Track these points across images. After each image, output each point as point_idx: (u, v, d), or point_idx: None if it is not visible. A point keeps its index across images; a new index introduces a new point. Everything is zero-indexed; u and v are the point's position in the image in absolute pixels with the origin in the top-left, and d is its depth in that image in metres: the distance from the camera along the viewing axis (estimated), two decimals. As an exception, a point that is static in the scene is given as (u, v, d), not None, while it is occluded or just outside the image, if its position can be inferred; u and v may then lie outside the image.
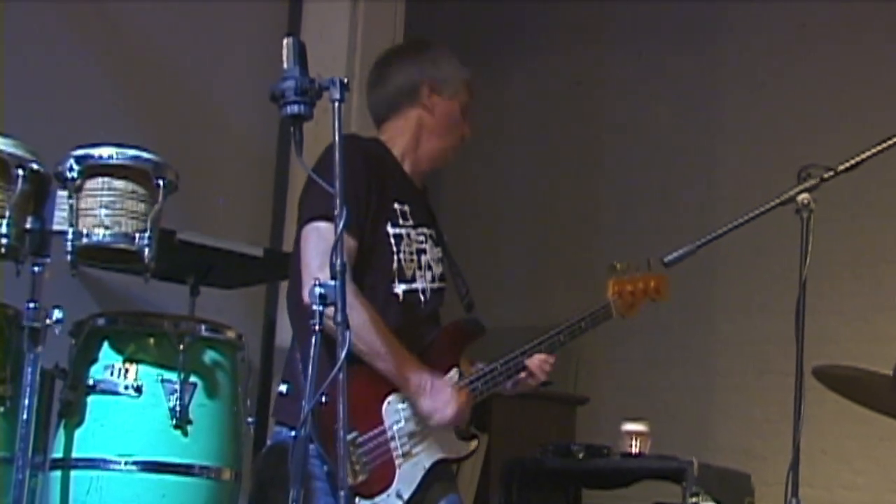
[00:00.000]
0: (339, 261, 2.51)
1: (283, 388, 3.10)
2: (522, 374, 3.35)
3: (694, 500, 4.04)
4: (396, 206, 3.21)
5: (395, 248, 3.17)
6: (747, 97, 6.02)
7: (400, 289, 3.17)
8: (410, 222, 3.24)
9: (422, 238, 3.27)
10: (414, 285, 3.21)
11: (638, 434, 4.41)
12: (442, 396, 3.10)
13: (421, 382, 3.08)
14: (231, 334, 3.30)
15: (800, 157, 3.24)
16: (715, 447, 5.54)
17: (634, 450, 4.40)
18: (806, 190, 3.07)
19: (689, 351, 5.95)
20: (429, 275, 3.27)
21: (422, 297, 3.23)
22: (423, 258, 3.26)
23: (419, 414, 3.10)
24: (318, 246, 3.03)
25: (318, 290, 2.49)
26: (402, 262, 3.19)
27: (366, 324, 2.95)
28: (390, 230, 3.18)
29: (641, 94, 6.34)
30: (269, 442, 3.18)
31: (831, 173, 3.11)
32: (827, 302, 5.19)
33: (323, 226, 3.04)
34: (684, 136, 6.17)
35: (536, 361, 3.37)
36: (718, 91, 6.14)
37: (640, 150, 6.31)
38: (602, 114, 6.50)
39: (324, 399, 2.46)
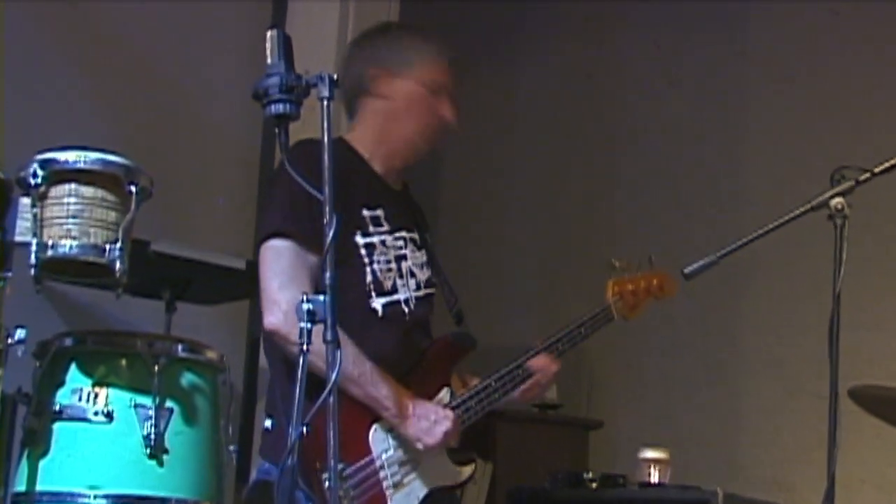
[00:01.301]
0: (328, 274, 2.50)
1: (267, 423, 3.12)
2: (525, 385, 3.34)
3: (719, 533, 4.04)
4: (365, 212, 3.22)
5: (367, 260, 3.18)
6: (774, 92, 6.02)
7: (378, 303, 3.18)
8: (385, 227, 3.25)
9: (400, 243, 3.28)
10: (395, 297, 3.22)
11: (657, 462, 4.40)
12: (426, 419, 3.10)
13: (401, 406, 3.08)
14: (211, 355, 3.29)
15: (833, 158, 3.24)
16: (742, 476, 5.54)
17: (653, 479, 4.39)
18: (840, 193, 3.08)
19: (713, 370, 5.94)
20: (412, 282, 3.28)
21: (405, 309, 3.24)
22: (404, 265, 3.27)
23: (406, 440, 3.10)
24: (274, 266, 3.06)
25: (305, 306, 2.48)
26: (378, 273, 3.20)
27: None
28: (360, 240, 3.19)
29: (659, 90, 6.34)
30: (252, 475, 3.19)
31: (867, 175, 3.11)
32: (864, 316, 5.17)
33: (279, 244, 3.07)
34: (706, 136, 6.17)
35: (540, 362, 3.34)
36: (743, 85, 6.14)
37: (657, 151, 6.31)
38: (616, 111, 6.50)
39: (305, 430, 2.44)
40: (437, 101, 3.35)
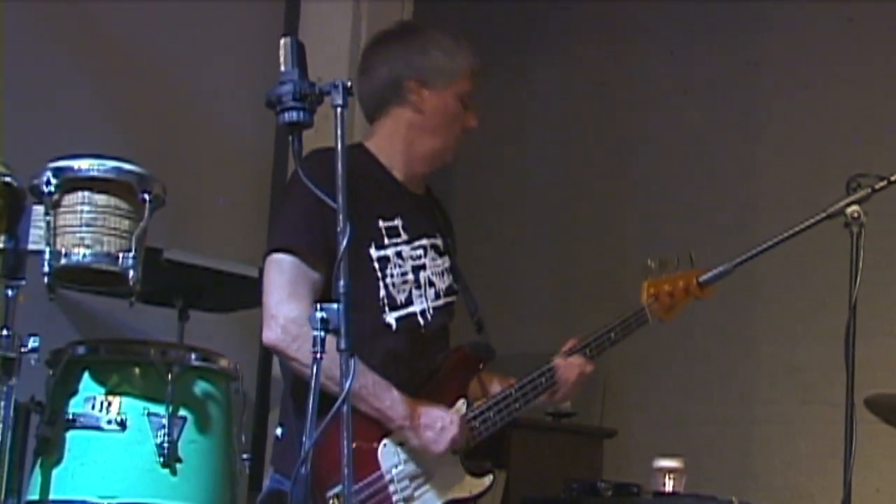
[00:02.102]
0: (342, 283, 2.50)
1: (278, 431, 3.12)
2: (551, 392, 3.29)
3: (734, 543, 4.02)
4: (381, 223, 3.19)
5: (380, 274, 3.15)
6: (789, 99, 6.01)
7: (392, 317, 3.16)
8: (402, 238, 3.22)
9: (419, 252, 3.25)
10: (410, 309, 3.20)
11: (672, 471, 4.39)
12: (432, 428, 3.07)
13: (406, 417, 3.06)
14: (224, 363, 3.29)
15: (849, 166, 3.23)
16: (757, 485, 5.52)
17: (668, 488, 4.37)
18: (856, 202, 3.07)
19: (728, 379, 5.93)
20: (431, 292, 3.24)
21: (422, 321, 3.21)
22: (422, 275, 3.24)
23: (415, 450, 3.08)
24: (275, 280, 3.05)
25: (318, 314, 2.48)
26: (391, 287, 3.17)
27: (334, 361, 2.59)
28: (374, 253, 3.16)
29: (673, 97, 6.33)
30: (265, 483, 3.19)
31: (884, 183, 3.11)
32: (880, 325, 5.16)
33: (283, 258, 3.06)
34: (720, 143, 6.16)
35: (573, 364, 3.27)
36: (758, 93, 6.13)
37: (671, 159, 6.29)
38: (630, 118, 6.49)
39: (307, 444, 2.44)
40: (465, 111, 3.30)
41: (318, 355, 2.47)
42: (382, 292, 3.15)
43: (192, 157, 4.78)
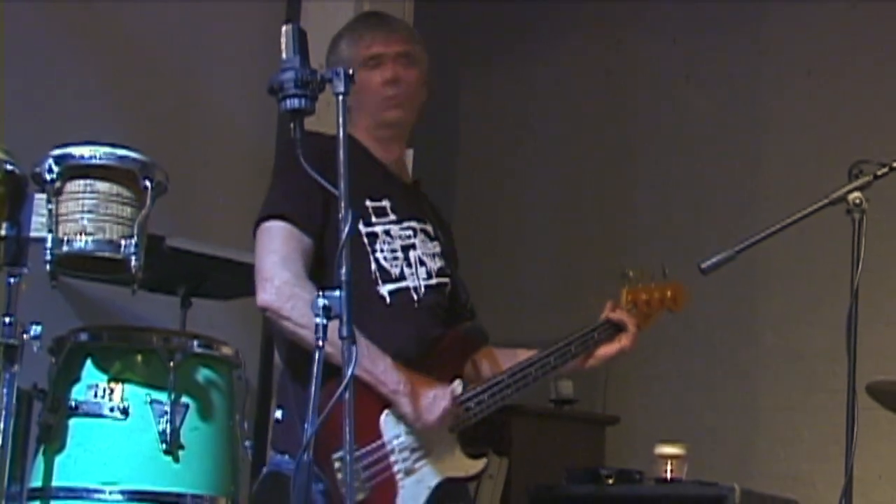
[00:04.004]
0: (344, 269, 2.51)
1: (278, 414, 3.14)
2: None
3: (736, 530, 4.03)
4: (369, 203, 3.26)
5: (369, 248, 3.22)
6: (793, 86, 6.00)
7: (385, 290, 3.22)
8: (391, 217, 3.29)
9: (408, 233, 3.32)
10: (403, 284, 3.26)
11: (674, 457, 4.40)
12: (425, 397, 3.10)
13: (398, 383, 3.08)
14: (227, 350, 3.30)
15: (853, 153, 3.23)
16: (759, 472, 5.52)
17: (670, 475, 4.39)
18: (858, 188, 3.07)
19: (730, 366, 5.93)
20: (422, 271, 3.31)
21: (415, 296, 3.27)
22: (412, 254, 3.30)
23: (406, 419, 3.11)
24: (268, 245, 3.13)
25: (321, 301, 2.49)
26: (383, 261, 3.23)
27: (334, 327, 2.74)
28: (362, 229, 3.22)
29: (676, 85, 6.32)
30: (265, 468, 3.20)
31: (885, 170, 3.10)
32: (882, 312, 5.17)
33: (274, 224, 3.14)
34: (724, 131, 6.15)
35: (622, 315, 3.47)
36: (761, 80, 6.12)
37: (675, 146, 6.29)
38: (633, 107, 6.48)
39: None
40: (371, 74, 3.34)
41: (321, 343, 2.48)
42: (374, 266, 3.21)
43: (195, 144, 4.79)
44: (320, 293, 2.49)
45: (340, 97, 2.56)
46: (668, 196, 6.28)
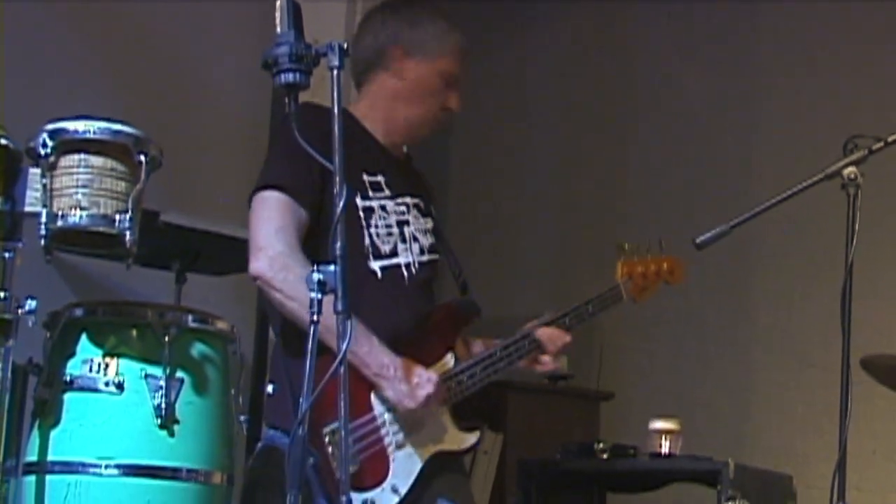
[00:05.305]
0: (339, 244, 2.51)
1: (269, 388, 3.14)
2: (530, 358, 3.36)
3: (730, 504, 4.04)
4: (365, 177, 3.26)
5: (364, 223, 3.22)
6: (788, 61, 5.99)
7: (377, 265, 3.21)
8: (386, 193, 3.29)
9: (402, 209, 3.31)
10: (395, 260, 3.25)
11: (668, 432, 4.41)
12: (406, 382, 3.09)
13: (382, 366, 3.08)
14: (221, 325, 3.30)
15: (848, 127, 3.23)
16: (753, 447, 5.54)
17: (664, 450, 4.39)
18: (853, 163, 3.07)
19: (724, 342, 5.94)
20: (415, 247, 3.31)
21: (406, 273, 3.27)
22: (406, 230, 3.30)
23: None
24: (262, 215, 3.12)
25: (315, 276, 2.48)
26: (376, 237, 3.23)
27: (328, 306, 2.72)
28: (359, 203, 3.22)
29: (671, 60, 6.31)
30: (260, 443, 3.21)
31: (881, 144, 3.10)
32: (876, 287, 5.17)
33: (270, 195, 3.12)
34: (719, 106, 6.14)
35: (548, 333, 3.35)
36: (756, 55, 6.11)
37: (670, 121, 6.28)
38: (627, 83, 6.47)
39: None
40: (447, 91, 3.38)
41: (315, 317, 2.48)
42: (367, 241, 3.21)
43: (189, 119, 4.78)
44: (315, 267, 2.49)
45: (335, 71, 2.56)
46: (662, 171, 6.27)
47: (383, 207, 3.26)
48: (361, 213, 3.22)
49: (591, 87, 6.55)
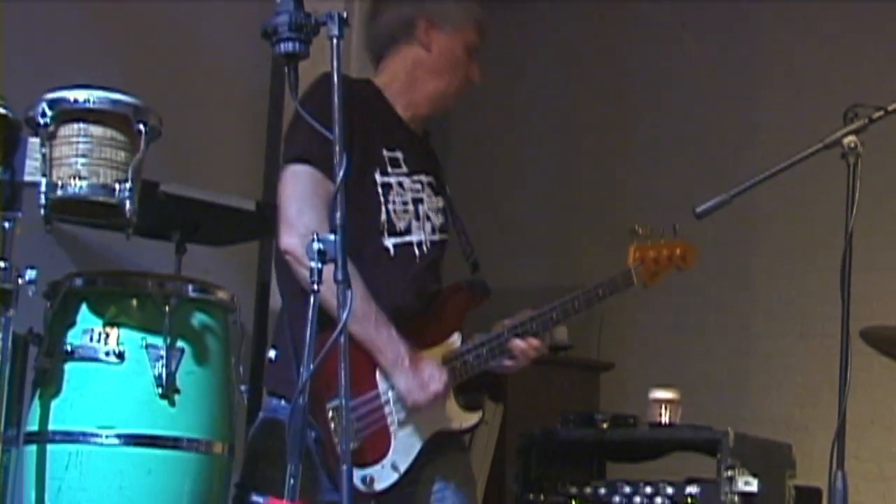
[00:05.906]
0: (339, 213, 2.51)
1: (271, 353, 3.14)
2: (507, 362, 3.32)
3: (729, 473, 4.05)
4: (385, 152, 3.24)
5: (382, 199, 3.20)
6: (788, 31, 5.98)
7: (390, 242, 3.21)
8: (403, 170, 3.27)
9: (418, 186, 3.30)
10: (408, 238, 3.24)
11: (668, 402, 4.41)
12: (419, 376, 3.11)
13: (398, 356, 3.09)
14: (222, 295, 3.30)
15: (848, 97, 3.22)
16: (752, 416, 5.55)
17: (664, 419, 4.40)
18: (853, 132, 3.06)
19: (724, 312, 5.95)
20: (428, 226, 3.30)
21: (417, 252, 3.26)
22: (421, 208, 3.29)
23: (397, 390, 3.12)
24: (293, 190, 3.11)
25: (315, 245, 2.48)
26: (392, 213, 3.22)
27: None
28: (378, 178, 3.20)
29: (672, 29, 6.30)
30: (261, 414, 3.21)
31: (881, 113, 3.09)
32: (876, 257, 5.17)
33: (299, 168, 3.11)
34: (719, 75, 6.14)
35: (523, 346, 3.31)
36: (757, 24, 6.10)
37: (670, 91, 6.28)
38: (629, 52, 6.47)
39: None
40: (469, 62, 3.38)
41: (316, 287, 2.48)
42: (384, 217, 3.20)
43: (189, 89, 4.77)
44: (315, 237, 2.49)
45: (335, 40, 2.55)
46: (663, 140, 6.27)
47: (400, 184, 3.25)
48: (380, 189, 3.20)
49: (591, 57, 6.55)
